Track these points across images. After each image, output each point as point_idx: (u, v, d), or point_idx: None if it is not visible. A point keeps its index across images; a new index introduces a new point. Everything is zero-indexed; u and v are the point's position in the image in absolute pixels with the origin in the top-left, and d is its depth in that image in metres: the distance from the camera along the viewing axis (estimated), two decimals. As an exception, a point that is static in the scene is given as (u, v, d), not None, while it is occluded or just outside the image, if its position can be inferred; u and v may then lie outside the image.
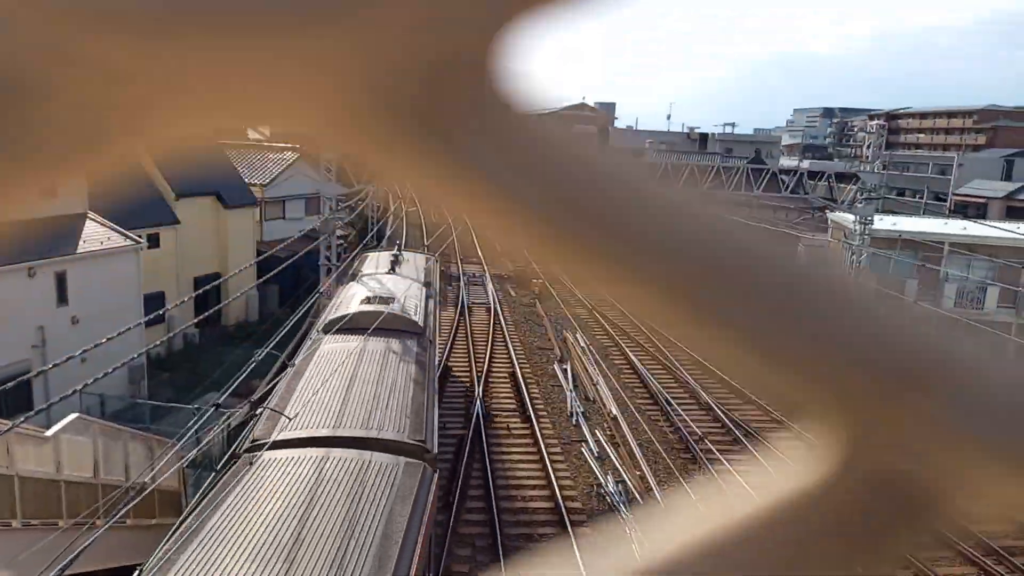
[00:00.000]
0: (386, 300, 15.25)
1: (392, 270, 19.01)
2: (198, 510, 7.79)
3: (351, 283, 18.64)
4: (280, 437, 9.33)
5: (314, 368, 12.35)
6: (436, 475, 9.47)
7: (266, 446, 8.90)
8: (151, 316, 12.80)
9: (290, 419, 9.91)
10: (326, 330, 14.44)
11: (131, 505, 11.38)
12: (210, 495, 8.14)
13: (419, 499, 8.28)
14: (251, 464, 8.57)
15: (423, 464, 9.24)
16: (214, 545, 6.97)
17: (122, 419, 20.32)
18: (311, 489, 7.90)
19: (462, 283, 37.68)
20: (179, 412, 20.20)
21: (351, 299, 16.08)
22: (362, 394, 11.01)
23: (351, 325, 13.53)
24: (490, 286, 37.33)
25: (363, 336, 12.76)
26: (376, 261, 20.49)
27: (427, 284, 19.31)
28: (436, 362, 16.62)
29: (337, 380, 11.39)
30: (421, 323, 15.23)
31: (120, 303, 23.61)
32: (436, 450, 10.75)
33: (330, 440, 9.44)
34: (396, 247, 21.88)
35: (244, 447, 9.40)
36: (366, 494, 7.92)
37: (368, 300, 15.45)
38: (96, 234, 23.78)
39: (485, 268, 42.28)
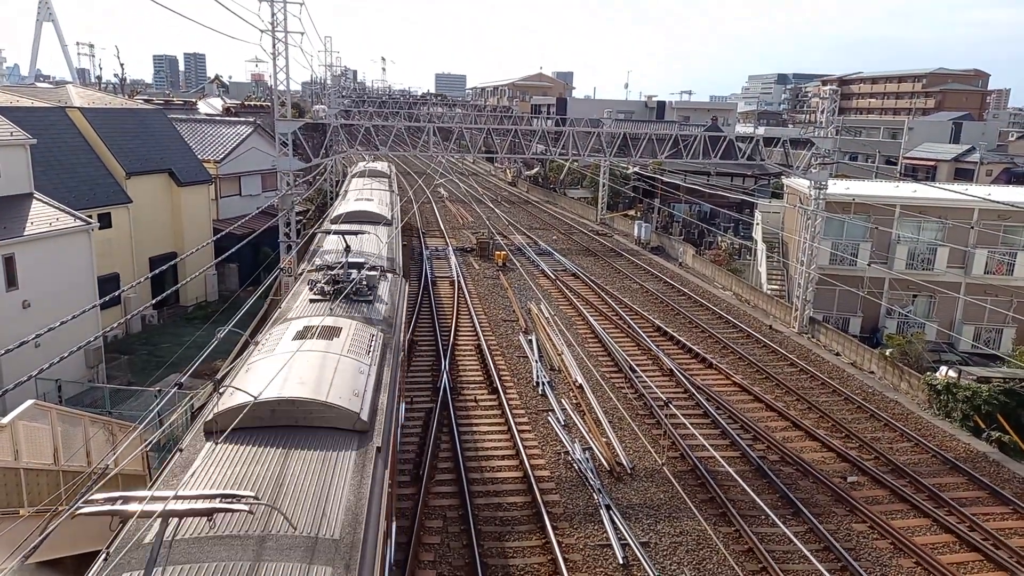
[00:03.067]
0: (375, 166, 38.04)
1: (375, 160, 42.57)
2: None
3: (359, 164, 40.84)
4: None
5: (353, 188, 30.71)
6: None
7: None
8: (106, 298, 12.47)
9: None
10: (351, 180, 34.27)
11: (94, 490, 11.19)
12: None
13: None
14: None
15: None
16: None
17: (80, 404, 19.92)
18: None
19: (425, 257, 37.49)
20: (140, 395, 19.87)
21: (359, 166, 38.51)
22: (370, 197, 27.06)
23: (363, 174, 34.45)
24: (453, 259, 37.21)
25: (368, 177, 33.50)
26: (365, 164, 39.72)
27: (388, 168, 39.42)
28: (396, 188, 36.51)
29: (362, 194, 27.84)
30: (389, 173, 37.53)
31: (73, 285, 23.00)
32: (394, 217, 24.58)
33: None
34: (374, 156, 40.84)
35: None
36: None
37: (370, 167, 37.20)
38: (44, 215, 23.03)
39: (448, 242, 42.11)
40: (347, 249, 14.91)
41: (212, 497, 5.41)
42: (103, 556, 6.31)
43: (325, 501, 6.94)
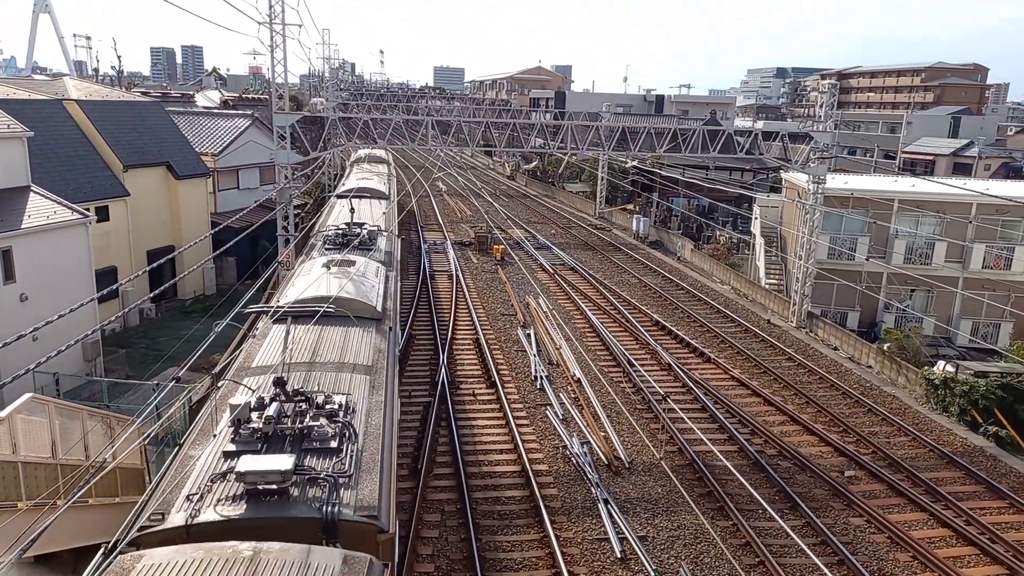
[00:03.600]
0: (375, 152, 40.73)
1: (373, 148, 41.77)
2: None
3: (359, 151, 41.99)
4: None
5: (356, 169, 34.32)
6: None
7: None
8: (104, 291, 12.46)
9: None
10: (354, 164, 37.90)
11: (91, 483, 11.18)
12: None
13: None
14: None
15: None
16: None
17: (78, 397, 19.89)
18: None
19: (423, 251, 37.44)
20: (138, 388, 19.85)
21: (360, 152, 41.40)
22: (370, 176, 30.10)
23: (362, 160, 37.11)
24: (451, 253, 37.17)
25: (368, 162, 36.27)
26: (367, 150, 41.50)
27: (386, 154, 42.80)
28: (393, 172, 40.48)
29: (364, 175, 30.62)
30: (387, 157, 41.78)
31: (70, 279, 22.95)
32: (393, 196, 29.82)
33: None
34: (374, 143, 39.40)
35: None
36: None
37: (368, 152, 40.54)
38: (41, 208, 22.96)
39: (446, 236, 42.07)
40: (352, 211, 19.08)
41: (314, 309, 11.36)
42: (102, 551, 6.32)
43: (359, 347, 10.98)
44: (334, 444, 7.50)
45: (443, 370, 21.60)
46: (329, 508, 6.57)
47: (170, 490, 6.88)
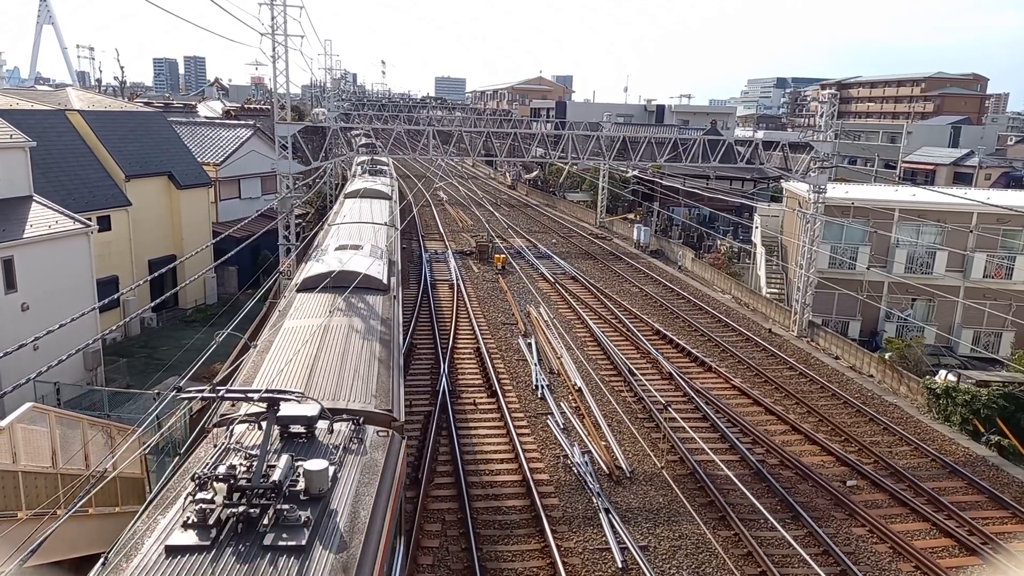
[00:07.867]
0: (373, 177, 36.20)
1: (374, 152, 43.50)
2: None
3: (361, 154, 44.14)
4: None
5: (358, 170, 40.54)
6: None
7: None
8: (105, 301, 12.48)
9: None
10: (355, 179, 37.20)
11: (92, 493, 11.17)
12: None
13: None
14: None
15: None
16: None
17: (79, 407, 19.88)
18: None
19: (424, 260, 37.47)
20: (139, 398, 19.85)
21: (361, 155, 43.28)
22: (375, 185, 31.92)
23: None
24: (452, 263, 37.20)
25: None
26: (368, 157, 43.08)
27: (383, 159, 43.01)
28: (394, 176, 42.74)
29: (365, 180, 33.67)
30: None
31: (72, 288, 22.99)
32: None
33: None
34: (374, 151, 43.99)
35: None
36: None
37: (367, 172, 37.82)
38: (43, 218, 23.02)
39: (447, 245, 42.10)
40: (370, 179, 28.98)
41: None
42: (101, 561, 6.30)
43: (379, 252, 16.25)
44: None
45: (444, 379, 21.58)
46: None
47: None
